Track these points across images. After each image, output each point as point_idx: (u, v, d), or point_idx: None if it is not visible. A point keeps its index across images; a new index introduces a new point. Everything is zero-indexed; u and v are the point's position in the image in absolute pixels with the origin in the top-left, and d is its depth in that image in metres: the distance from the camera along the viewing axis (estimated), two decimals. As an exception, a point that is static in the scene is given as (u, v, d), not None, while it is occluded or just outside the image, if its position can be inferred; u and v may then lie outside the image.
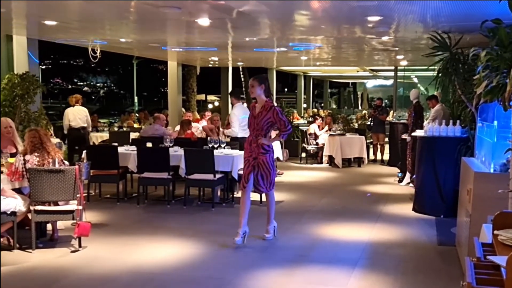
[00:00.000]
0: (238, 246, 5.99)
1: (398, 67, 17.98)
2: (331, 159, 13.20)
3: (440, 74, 7.59)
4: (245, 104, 9.61)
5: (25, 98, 9.14)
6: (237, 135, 9.21)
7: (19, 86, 9.11)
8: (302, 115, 23.34)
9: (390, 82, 28.57)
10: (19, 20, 8.76)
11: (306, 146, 13.77)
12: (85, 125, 11.46)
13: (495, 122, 5.00)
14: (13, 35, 10.09)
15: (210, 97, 39.13)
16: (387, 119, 14.44)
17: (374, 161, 14.29)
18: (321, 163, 13.50)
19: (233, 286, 4.81)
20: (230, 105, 20.64)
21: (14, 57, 10.12)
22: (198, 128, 11.63)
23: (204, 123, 12.20)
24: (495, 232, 2.73)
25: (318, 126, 14.16)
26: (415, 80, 26.28)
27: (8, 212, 5.53)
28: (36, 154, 5.83)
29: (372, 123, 14.49)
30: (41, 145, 5.86)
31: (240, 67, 21.32)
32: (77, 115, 11.41)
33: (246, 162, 6.16)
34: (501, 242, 2.61)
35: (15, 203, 5.57)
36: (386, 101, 28.18)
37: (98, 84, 61.31)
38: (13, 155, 6.19)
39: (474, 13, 6.89)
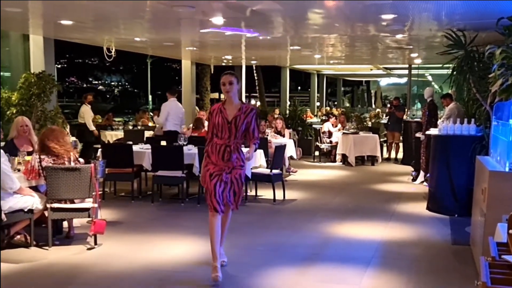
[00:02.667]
0: (251, 244, 6.02)
1: (412, 65, 17.88)
2: (344, 158, 13.18)
3: (454, 72, 7.55)
4: (172, 99, 10.14)
5: (41, 97, 9.25)
6: (164, 125, 9.97)
7: (35, 85, 9.21)
8: (315, 113, 23.30)
9: (404, 80, 28.40)
10: (35, 20, 8.86)
11: (319, 144, 13.76)
12: (84, 122, 12.17)
13: (511, 121, 4.96)
14: (30, 34, 10.21)
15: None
16: (404, 116, 14.37)
17: (388, 159, 14.23)
18: (335, 161, 13.47)
19: (246, 284, 4.83)
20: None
21: (30, 56, 10.25)
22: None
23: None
24: (510, 231, 2.72)
25: (332, 124, 14.14)
26: (430, 78, 26.11)
27: (25, 210, 5.60)
28: (51, 152, 5.86)
29: (389, 121, 14.44)
30: (48, 148, 5.87)
31: (254, 65, 21.34)
32: (80, 113, 12.38)
33: (216, 177, 4.98)
34: (515, 242, 2.60)
35: (32, 201, 5.64)
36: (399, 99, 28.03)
37: (112, 83, 61.72)
38: (29, 153, 6.27)
39: (489, 10, 6.85)
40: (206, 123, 11.95)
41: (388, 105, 16.23)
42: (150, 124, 15.07)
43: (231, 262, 5.46)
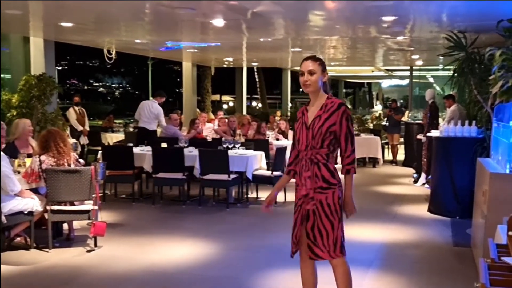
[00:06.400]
0: (252, 246, 6.01)
1: (414, 67, 17.88)
2: (345, 160, 13.11)
3: (456, 74, 7.55)
4: (152, 99, 10.94)
5: (41, 99, 9.26)
6: (138, 120, 10.77)
7: (36, 87, 9.23)
8: (316, 115, 23.23)
9: (405, 82, 28.40)
10: (36, 22, 8.87)
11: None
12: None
13: (511, 123, 4.95)
14: (30, 37, 10.22)
15: (225, 98, 39.27)
16: (402, 119, 14.37)
17: (391, 162, 14.16)
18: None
19: (247, 286, 4.82)
20: (245, 105, 20.75)
21: (31, 58, 10.26)
22: (211, 128, 11.69)
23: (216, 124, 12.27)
24: (510, 233, 2.72)
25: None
26: (431, 80, 26.11)
27: (26, 212, 5.60)
28: (50, 154, 5.84)
29: (388, 124, 14.43)
30: (54, 147, 5.87)
31: (255, 67, 21.34)
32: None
33: (299, 208, 3.60)
34: (516, 244, 2.59)
35: (32, 203, 5.63)
36: (401, 100, 28.01)
37: (113, 85, 61.76)
38: (29, 155, 6.26)
39: (490, 12, 6.84)
40: (206, 124, 11.98)
41: (388, 108, 16.23)
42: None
43: (232, 263, 5.46)
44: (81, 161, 6.26)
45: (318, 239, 3.51)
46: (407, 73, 18.99)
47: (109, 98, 56.32)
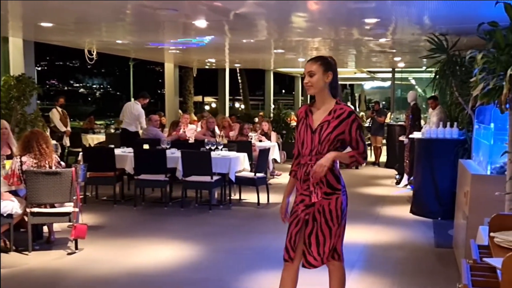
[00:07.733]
0: (236, 248, 5.99)
1: (396, 69, 18.01)
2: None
3: (437, 76, 7.61)
4: (134, 101, 11.30)
5: (21, 100, 9.11)
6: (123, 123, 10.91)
7: (15, 88, 9.09)
8: (299, 117, 23.24)
9: (387, 83, 28.60)
10: (15, 22, 8.73)
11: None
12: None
13: (492, 125, 5.00)
14: (9, 37, 10.06)
15: (207, 99, 39.13)
16: (385, 121, 14.45)
17: (374, 163, 14.21)
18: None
19: (230, 289, 4.80)
20: (227, 107, 20.71)
21: (10, 59, 10.10)
22: (193, 129, 11.63)
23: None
24: (491, 234, 2.73)
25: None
26: (413, 82, 26.33)
27: (5, 215, 5.50)
28: (32, 155, 5.75)
29: (371, 126, 14.50)
30: (37, 147, 5.79)
31: (237, 68, 21.29)
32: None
33: (295, 213, 3.60)
34: (497, 244, 2.61)
35: (12, 206, 5.55)
36: (383, 102, 28.19)
37: (94, 86, 61.17)
38: (8, 157, 6.16)
39: (470, 15, 6.90)
40: (189, 126, 11.91)
41: (371, 110, 16.32)
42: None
43: (215, 265, 5.42)
44: (63, 163, 6.17)
45: (313, 247, 3.43)
46: (389, 75, 19.10)
47: (89, 99, 55.80)
